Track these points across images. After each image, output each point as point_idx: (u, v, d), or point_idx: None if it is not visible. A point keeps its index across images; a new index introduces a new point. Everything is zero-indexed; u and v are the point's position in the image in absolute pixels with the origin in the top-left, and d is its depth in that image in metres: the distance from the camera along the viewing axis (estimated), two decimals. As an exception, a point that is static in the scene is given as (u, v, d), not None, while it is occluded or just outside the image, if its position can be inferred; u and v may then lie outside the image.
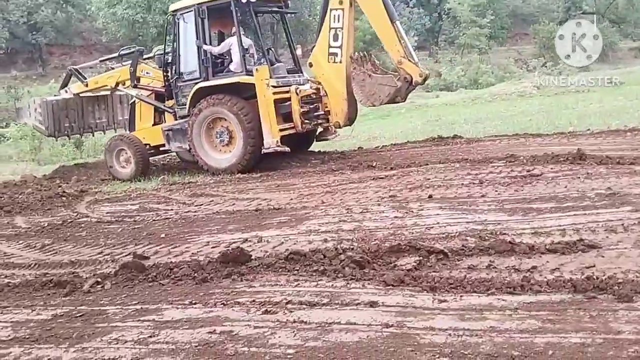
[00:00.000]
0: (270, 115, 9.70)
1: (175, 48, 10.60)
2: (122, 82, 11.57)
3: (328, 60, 10.17)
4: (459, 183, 7.15)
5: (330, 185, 8.07)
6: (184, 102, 10.47)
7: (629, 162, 7.17)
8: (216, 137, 10.19)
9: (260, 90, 9.76)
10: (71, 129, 12.33)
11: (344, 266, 4.37)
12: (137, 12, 35.84)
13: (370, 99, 10.01)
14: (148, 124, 11.32)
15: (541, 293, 3.58)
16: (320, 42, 10.26)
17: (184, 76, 10.58)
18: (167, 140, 10.76)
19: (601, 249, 4.26)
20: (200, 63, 10.26)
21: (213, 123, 10.15)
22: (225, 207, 7.34)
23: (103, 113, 12.75)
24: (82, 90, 12.13)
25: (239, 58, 10.11)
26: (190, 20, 10.31)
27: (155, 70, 11.18)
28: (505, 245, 4.48)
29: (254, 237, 5.62)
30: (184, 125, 10.40)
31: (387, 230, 5.45)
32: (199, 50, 10.23)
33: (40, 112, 11.96)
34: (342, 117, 10.31)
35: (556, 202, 5.75)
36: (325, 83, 10.30)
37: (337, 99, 10.25)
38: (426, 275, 4.10)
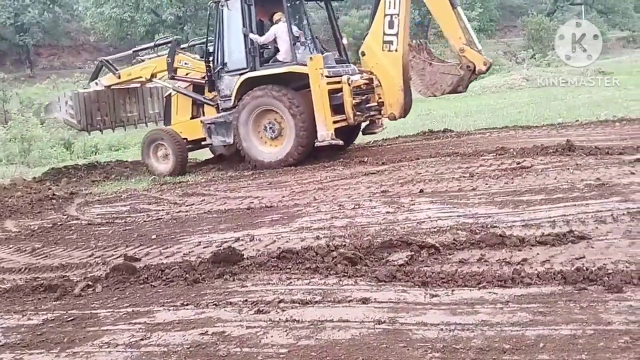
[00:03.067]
0: (325, 106, 9.28)
1: (219, 37, 10.11)
2: (157, 73, 11.15)
3: (382, 48, 9.62)
4: (449, 177, 7.17)
5: (322, 181, 8.07)
6: (228, 94, 10.05)
7: (617, 152, 7.21)
8: (264, 130, 9.78)
9: (314, 80, 9.32)
10: (103, 123, 11.86)
11: (336, 263, 4.37)
12: (125, 11, 35.69)
13: (431, 88, 9.66)
14: (185, 117, 10.89)
15: (532, 285, 3.59)
16: (374, 29, 9.72)
17: (228, 66, 10.11)
18: (209, 133, 10.33)
19: (591, 239, 4.28)
20: (246, 53, 9.82)
21: (261, 115, 9.74)
22: (217, 206, 7.32)
23: (134, 106, 12.32)
24: (114, 82, 11.65)
25: (289, 47, 9.68)
26: (235, 7, 9.84)
27: (195, 60, 10.72)
28: (496, 239, 4.49)
29: (246, 236, 5.61)
30: (228, 118, 9.99)
31: (379, 225, 5.46)
32: (246, 39, 9.79)
33: (71, 106, 11.45)
34: (398, 108, 9.75)
35: (546, 193, 5.77)
36: (379, 73, 9.73)
37: (392, 90, 9.70)
38: (418, 270, 4.11)
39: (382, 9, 9.57)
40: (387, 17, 9.54)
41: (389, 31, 9.56)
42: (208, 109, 10.62)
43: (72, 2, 41.93)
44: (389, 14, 9.54)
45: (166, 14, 35.19)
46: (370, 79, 9.89)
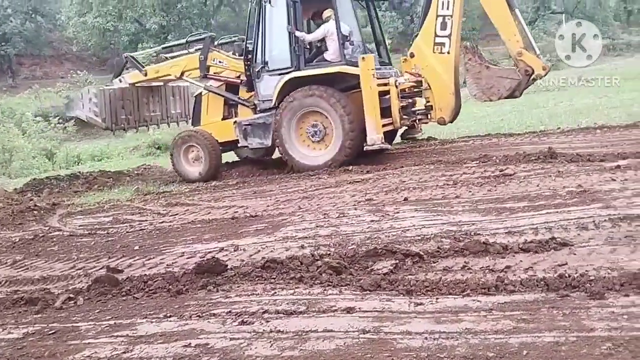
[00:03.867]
0: (376, 109, 8.95)
1: (260, 35, 9.71)
2: (187, 71, 10.67)
3: (434, 50, 9.33)
4: (433, 185, 7.20)
5: (306, 190, 8.07)
6: (268, 94, 9.72)
7: (598, 159, 7.30)
8: (307, 132, 9.44)
9: (366, 81, 8.98)
10: (127, 122, 11.36)
11: (321, 272, 4.36)
12: (108, 20, 35.53)
13: (487, 92, 9.33)
14: (217, 118, 10.52)
15: (515, 293, 3.61)
16: (425, 31, 9.40)
17: (269, 66, 9.74)
18: (244, 135, 9.92)
19: (573, 246, 4.31)
20: (291, 51, 9.48)
21: (304, 117, 9.42)
22: (201, 216, 7.28)
23: (157, 106, 11.83)
24: (140, 79, 11.12)
25: (338, 46, 9.35)
26: (279, 4, 9.50)
27: (230, 58, 10.36)
28: (480, 246, 4.51)
29: (230, 246, 5.57)
30: (268, 120, 9.67)
31: (363, 234, 5.46)
32: (291, 37, 9.44)
33: (95, 103, 10.88)
34: (449, 112, 9.44)
35: (528, 201, 5.82)
36: (429, 75, 9.43)
37: (443, 93, 9.38)
38: (402, 278, 4.10)
39: (435, 10, 9.24)
40: (440, 18, 9.23)
41: (442, 32, 9.25)
42: (242, 109, 10.27)
43: (55, 12, 41.69)
44: (442, 15, 9.22)
45: (150, 23, 35.09)
46: (419, 82, 9.58)
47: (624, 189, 5.77)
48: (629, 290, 3.39)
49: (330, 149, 9.29)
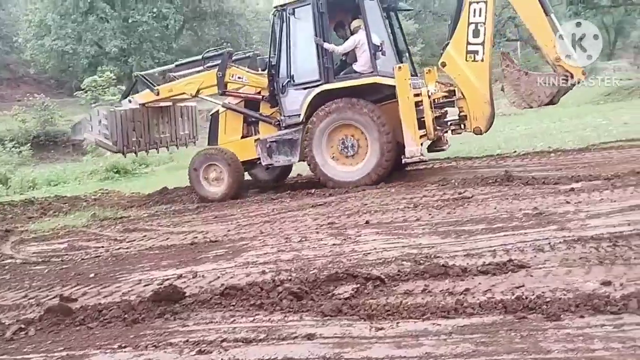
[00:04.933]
0: (414, 119, 8.74)
1: (285, 48, 9.42)
2: (204, 89, 10.23)
3: (466, 58, 9.02)
4: (394, 207, 7.25)
5: (269, 214, 8.02)
6: (295, 109, 9.44)
7: (553, 182, 7.48)
8: (339, 147, 9.16)
9: (402, 91, 8.75)
10: (138, 145, 10.86)
11: (281, 298, 4.30)
12: (67, 43, 34.97)
13: (527, 99, 8.99)
14: (235, 136, 10.15)
15: (474, 315, 3.63)
16: (456, 39, 9.08)
17: (295, 79, 9.46)
18: (269, 153, 9.62)
19: (530, 268, 4.38)
20: (320, 64, 9.20)
21: (335, 132, 9.13)
22: (159, 242, 7.14)
23: (167, 127, 11.39)
24: (151, 99, 10.66)
25: (369, 57, 9.07)
26: (303, 15, 9.24)
27: (250, 74, 10.03)
28: (439, 269, 4.54)
29: (188, 273, 5.47)
30: (295, 135, 9.44)
31: (325, 258, 5.44)
32: (319, 49, 9.18)
33: (106, 125, 10.37)
34: (484, 122, 9.11)
35: (486, 223, 5.90)
36: (463, 84, 9.11)
37: (477, 102, 9.08)
38: (363, 303, 4.09)
39: (466, 17, 8.98)
40: (472, 26, 8.97)
41: (474, 40, 8.98)
42: (263, 127, 9.94)
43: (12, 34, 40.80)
44: (474, 22, 8.95)
45: (110, 46, 34.68)
46: (450, 92, 9.39)
47: (578, 211, 5.92)
48: (583, 311, 3.45)
49: (365, 164, 8.99)
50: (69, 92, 35.31)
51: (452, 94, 9.35)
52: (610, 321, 3.30)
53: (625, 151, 9.57)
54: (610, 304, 3.48)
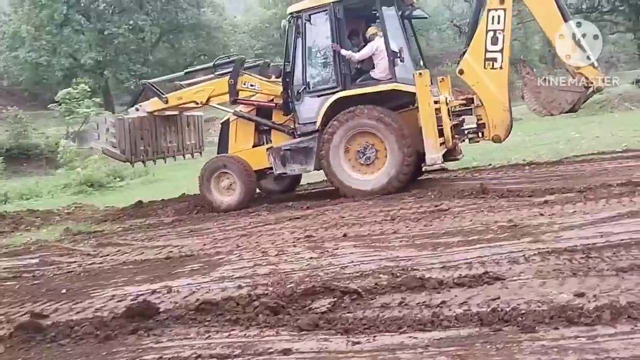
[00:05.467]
0: (434, 126, 8.57)
1: (301, 55, 9.28)
2: (215, 97, 10.06)
3: (484, 66, 8.89)
4: (371, 220, 7.27)
5: (245, 227, 7.98)
6: (310, 117, 9.31)
7: (527, 194, 7.57)
8: (357, 155, 8.98)
9: (423, 97, 8.63)
10: (146, 154, 10.61)
11: (257, 313, 4.26)
12: (41, 55, 34.60)
13: (548, 107, 8.88)
14: (246, 145, 9.95)
15: (450, 328, 3.63)
16: (474, 46, 8.97)
17: (310, 87, 9.33)
18: (283, 162, 9.46)
19: (505, 280, 4.41)
20: (338, 70, 9.09)
21: (352, 140, 8.96)
22: (134, 256, 7.04)
23: (173, 136, 11.13)
24: (159, 108, 10.46)
25: (387, 63, 8.96)
26: (319, 22, 9.15)
27: (263, 81, 9.85)
28: (416, 281, 4.54)
29: (163, 288, 5.38)
30: (310, 144, 9.27)
31: (302, 272, 5.41)
32: (336, 55, 9.08)
33: (114, 133, 10.16)
34: (503, 129, 8.95)
35: (462, 235, 5.94)
36: (481, 92, 8.95)
37: (496, 110, 8.92)
38: (340, 317, 4.07)
39: (485, 25, 8.87)
40: (490, 33, 8.84)
41: (492, 47, 8.86)
42: (276, 135, 9.80)
43: (-16, 46, 40.24)
44: (493, 30, 8.82)
45: (85, 58, 34.38)
46: (469, 99, 9.23)
47: (552, 223, 5.99)
48: (558, 323, 3.48)
49: (383, 172, 8.84)
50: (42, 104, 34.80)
51: (469, 101, 9.22)
52: (583, 333, 3.33)
53: (597, 164, 9.75)
54: (584, 315, 3.51)
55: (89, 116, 23.21)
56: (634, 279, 4.15)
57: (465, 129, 9.27)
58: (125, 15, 35.37)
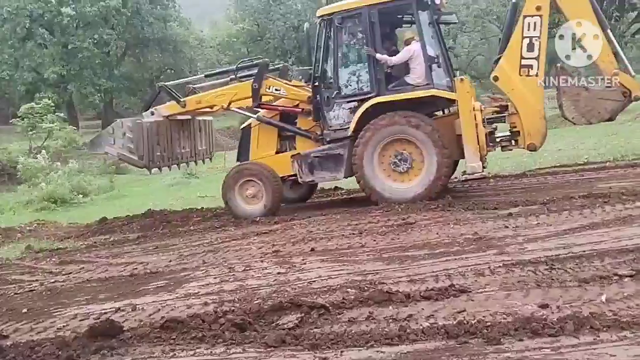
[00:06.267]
0: (474, 134, 8.41)
1: (332, 59, 9.01)
2: (237, 101, 9.67)
3: (520, 73, 8.69)
4: (339, 234, 7.27)
5: (212, 243, 7.88)
6: (341, 123, 9.05)
7: (492, 207, 7.69)
8: (391, 162, 8.71)
9: (465, 104, 8.44)
10: (162, 160, 10.05)
11: (223, 330, 4.21)
12: (3, 69, 33.86)
13: (586, 115, 8.71)
14: (269, 151, 9.65)
15: (417, 342, 3.64)
16: (510, 53, 8.77)
17: (342, 92, 9.05)
18: (310, 169, 9.14)
19: (471, 292, 4.45)
20: (372, 75, 8.84)
21: (387, 146, 8.69)
22: (97, 274, 6.88)
23: (187, 141, 10.66)
24: (177, 111, 9.98)
25: (424, 69, 8.74)
26: (352, 25, 8.94)
27: (289, 86, 9.57)
28: (383, 295, 4.55)
29: (127, 306, 5.27)
30: (340, 151, 9.00)
31: (270, 287, 5.37)
32: (371, 60, 8.84)
33: (130, 138, 9.63)
34: (539, 137, 8.74)
35: (429, 248, 5.99)
36: (516, 99, 8.73)
37: (532, 117, 8.71)
38: (307, 332, 4.05)
39: (520, 31, 8.67)
40: (526, 40, 8.65)
41: (528, 54, 8.66)
42: (301, 141, 9.50)
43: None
44: (529, 36, 8.63)
45: (48, 73, 33.75)
46: (503, 107, 9.02)
47: (516, 235, 6.10)
48: (522, 334, 3.52)
49: (419, 180, 8.60)
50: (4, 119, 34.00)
51: (503, 109, 9.03)
52: (547, 344, 3.38)
53: (559, 176, 9.99)
54: (548, 326, 3.57)
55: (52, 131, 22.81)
56: (595, 290, 4.25)
57: (498, 137, 9.05)
58: (90, 29, 34.90)
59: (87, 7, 33.93)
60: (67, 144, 23.43)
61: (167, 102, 10.08)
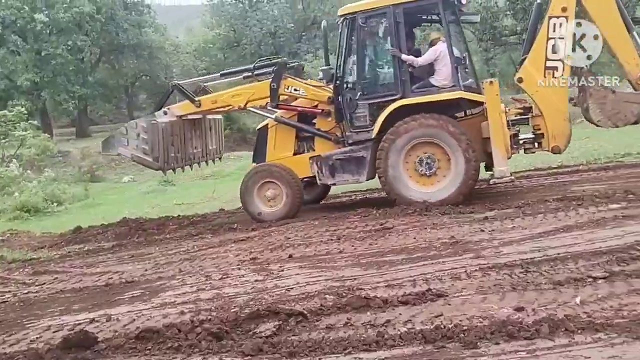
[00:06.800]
0: (503, 138, 8.31)
1: (356, 60, 8.83)
2: (254, 100, 9.43)
3: (544, 75, 8.57)
4: (317, 240, 7.26)
5: (189, 251, 7.80)
6: (365, 124, 8.87)
7: (469, 211, 7.76)
8: (416, 165, 8.52)
9: (494, 107, 8.31)
10: (176, 161, 9.77)
11: (200, 340, 4.16)
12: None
13: (613, 118, 8.59)
14: (286, 153, 9.46)
15: (395, 347, 3.65)
16: (534, 54, 8.63)
17: (366, 93, 8.87)
18: (331, 172, 8.95)
19: (448, 297, 4.48)
20: (397, 76, 8.64)
21: (412, 149, 8.51)
22: (71, 284, 6.76)
23: (198, 141, 10.38)
24: (191, 111, 9.72)
25: (450, 70, 8.58)
26: (377, 24, 8.77)
27: (308, 86, 9.37)
28: (361, 301, 4.56)
29: (102, 316, 5.19)
30: (363, 153, 8.81)
31: (247, 295, 5.33)
32: (396, 61, 8.65)
33: (145, 139, 9.33)
34: (563, 140, 8.63)
35: (407, 253, 6.02)
36: (541, 101, 8.61)
37: (556, 120, 8.60)
38: (285, 340, 4.02)
39: (545, 33, 8.54)
40: (551, 41, 8.53)
41: (553, 56, 8.53)
42: (320, 143, 9.31)
43: None
44: (554, 38, 8.51)
45: (21, 80, 33.17)
46: (526, 108, 8.91)
47: (492, 239, 6.16)
48: (499, 338, 3.55)
49: (447, 183, 8.44)
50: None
51: (526, 111, 8.94)
52: (523, 347, 3.40)
53: (534, 180, 10.12)
54: (524, 329, 3.60)
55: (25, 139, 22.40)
56: (570, 292, 4.30)
57: (521, 139, 8.89)
58: (64, 36, 34.36)
59: (60, 14, 33.42)
60: (40, 152, 23.01)
61: (181, 102, 9.87)
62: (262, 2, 42.38)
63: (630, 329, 3.50)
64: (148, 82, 41.48)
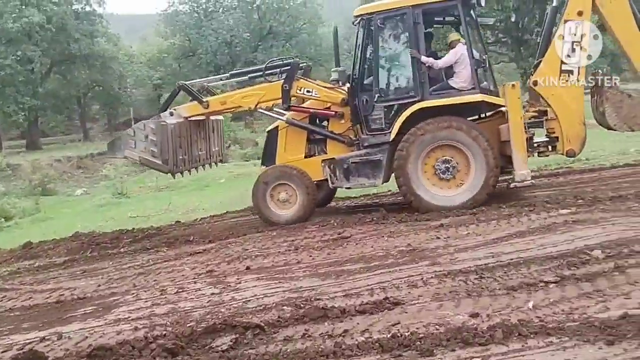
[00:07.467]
0: (524, 141, 8.20)
1: (373, 61, 8.70)
2: (265, 102, 9.23)
3: (560, 78, 8.55)
4: (275, 251, 7.22)
5: (143, 265, 7.64)
6: (381, 127, 8.69)
7: (425, 219, 7.86)
8: (435, 168, 8.37)
9: (515, 111, 8.20)
10: (183, 163, 9.44)
11: (154, 356, 4.08)
12: None
13: (629, 122, 8.55)
14: (297, 155, 9.25)
15: (352, 357, 3.65)
16: (549, 58, 8.59)
17: (383, 95, 8.68)
18: (346, 175, 8.80)
19: (405, 304, 4.51)
20: (416, 78, 8.49)
21: (431, 152, 8.37)
22: (21, 302, 6.53)
23: (202, 143, 10.06)
24: (199, 112, 9.45)
25: (469, 72, 8.45)
26: (394, 26, 8.63)
27: (321, 87, 9.17)
28: (319, 312, 4.55)
29: (53, 334, 5.02)
30: (379, 156, 8.65)
31: (203, 309, 5.25)
32: (415, 62, 8.50)
33: (154, 140, 9.00)
34: (578, 143, 8.55)
35: (364, 262, 6.04)
36: (556, 104, 8.53)
37: (571, 123, 8.53)
38: (242, 354, 3.98)
39: (561, 36, 8.57)
40: (567, 45, 8.52)
41: (568, 60, 8.53)
42: (332, 145, 9.17)
43: None
44: (569, 41, 8.50)
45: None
46: (542, 112, 8.78)
47: (448, 245, 6.24)
48: (454, 344, 3.59)
49: (466, 187, 8.31)
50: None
51: (541, 114, 8.81)
52: (478, 353, 3.45)
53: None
54: (478, 335, 3.65)
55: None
56: (523, 297, 4.39)
57: (535, 143, 8.75)
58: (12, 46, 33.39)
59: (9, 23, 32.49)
60: (-12, 165, 22.29)
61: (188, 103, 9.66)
62: (217, 12, 42.21)
63: (581, 332, 3.59)
64: (101, 93, 40.66)
